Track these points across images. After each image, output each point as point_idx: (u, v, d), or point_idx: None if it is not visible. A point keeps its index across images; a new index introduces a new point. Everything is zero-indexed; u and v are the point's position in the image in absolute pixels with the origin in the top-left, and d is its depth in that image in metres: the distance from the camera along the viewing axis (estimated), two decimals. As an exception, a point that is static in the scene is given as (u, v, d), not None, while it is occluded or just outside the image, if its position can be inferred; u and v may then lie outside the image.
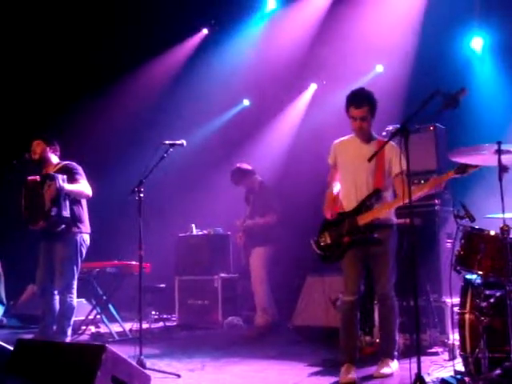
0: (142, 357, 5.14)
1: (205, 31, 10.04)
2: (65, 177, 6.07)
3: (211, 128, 10.01)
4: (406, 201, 4.70)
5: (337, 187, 5.28)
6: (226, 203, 8.80)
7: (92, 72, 9.52)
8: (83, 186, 6.24)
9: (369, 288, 5.47)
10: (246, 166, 7.85)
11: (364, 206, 4.92)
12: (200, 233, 8.84)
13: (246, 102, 10.24)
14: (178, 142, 5.52)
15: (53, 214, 5.97)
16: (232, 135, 9.70)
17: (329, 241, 5.05)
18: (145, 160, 5.40)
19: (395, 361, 5.07)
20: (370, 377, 4.93)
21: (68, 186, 6.06)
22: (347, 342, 5.01)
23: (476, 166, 4.33)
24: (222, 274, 8.43)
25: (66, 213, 6.05)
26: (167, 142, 5.47)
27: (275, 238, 7.59)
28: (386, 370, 4.93)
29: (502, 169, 3.95)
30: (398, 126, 5.15)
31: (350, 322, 5.02)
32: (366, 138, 5.11)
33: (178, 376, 5.07)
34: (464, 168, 4.38)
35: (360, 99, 4.99)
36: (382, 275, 5.02)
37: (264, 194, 7.71)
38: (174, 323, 8.52)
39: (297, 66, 8.92)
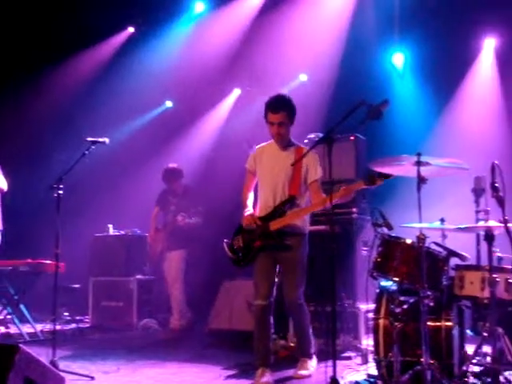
0: (56, 358, 5.02)
1: (131, 29, 9.90)
2: None
3: (133, 128, 9.87)
4: (317, 208, 4.91)
5: (251, 199, 5.28)
6: (144, 204, 8.70)
7: (13, 65, 9.20)
8: None
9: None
10: (178, 167, 7.86)
11: (277, 212, 4.97)
12: (117, 233, 8.72)
13: (169, 104, 10.17)
14: (100, 139, 5.42)
15: None
16: (154, 136, 9.61)
17: (241, 244, 5.10)
18: (66, 156, 5.30)
19: (314, 359, 5.19)
20: (285, 379, 5.03)
21: None
22: (261, 345, 5.01)
23: (383, 180, 4.44)
24: (138, 276, 8.32)
25: None
26: (89, 138, 5.37)
27: (195, 241, 7.63)
28: (303, 372, 5.07)
29: (421, 180, 4.08)
30: (320, 134, 5.28)
31: (263, 325, 5.00)
32: (285, 144, 5.13)
33: (92, 378, 4.98)
34: (373, 179, 4.48)
35: (277, 105, 5.00)
36: (290, 281, 5.01)
37: (189, 197, 7.72)
38: (87, 325, 8.33)
39: (222, 70, 8.95)
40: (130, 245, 8.58)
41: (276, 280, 5.08)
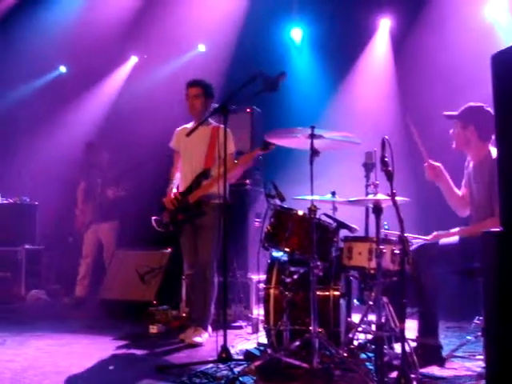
0: None
1: (26, -11, 9.40)
2: None
3: (25, 92, 9.45)
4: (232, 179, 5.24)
5: (177, 178, 5.59)
6: (35, 173, 8.44)
7: None
8: None
9: (177, 264, 5.69)
10: (97, 142, 7.91)
11: (194, 185, 5.34)
12: (5, 201, 8.40)
13: (63, 69, 9.80)
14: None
15: None
16: (46, 102, 9.23)
17: (167, 219, 5.42)
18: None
19: (206, 333, 5.26)
20: (177, 349, 5.02)
21: None
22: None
23: (274, 145, 4.68)
24: (27, 246, 8.13)
25: None
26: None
27: (123, 212, 7.71)
28: (197, 339, 5.13)
29: (314, 152, 4.15)
30: (216, 104, 5.30)
31: (193, 291, 5.50)
32: (201, 120, 5.27)
33: (-24, 350, 4.80)
34: (267, 144, 4.76)
35: (194, 81, 5.52)
36: (204, 247, 5.28)
37: (115, 169, 7.73)
38: (-29, 296, 8.02)
39: (119, 36, 8.70)
40: (18, 213, 8.37)
41: (169, 250, 5.27)
